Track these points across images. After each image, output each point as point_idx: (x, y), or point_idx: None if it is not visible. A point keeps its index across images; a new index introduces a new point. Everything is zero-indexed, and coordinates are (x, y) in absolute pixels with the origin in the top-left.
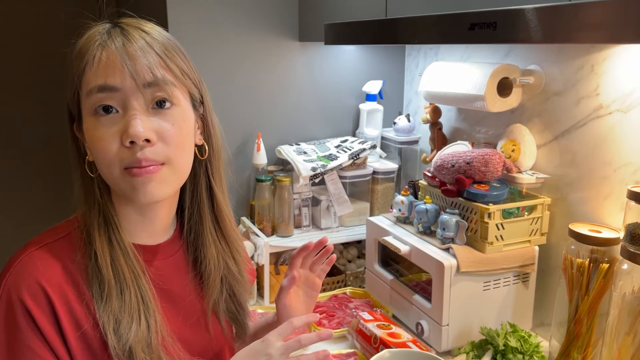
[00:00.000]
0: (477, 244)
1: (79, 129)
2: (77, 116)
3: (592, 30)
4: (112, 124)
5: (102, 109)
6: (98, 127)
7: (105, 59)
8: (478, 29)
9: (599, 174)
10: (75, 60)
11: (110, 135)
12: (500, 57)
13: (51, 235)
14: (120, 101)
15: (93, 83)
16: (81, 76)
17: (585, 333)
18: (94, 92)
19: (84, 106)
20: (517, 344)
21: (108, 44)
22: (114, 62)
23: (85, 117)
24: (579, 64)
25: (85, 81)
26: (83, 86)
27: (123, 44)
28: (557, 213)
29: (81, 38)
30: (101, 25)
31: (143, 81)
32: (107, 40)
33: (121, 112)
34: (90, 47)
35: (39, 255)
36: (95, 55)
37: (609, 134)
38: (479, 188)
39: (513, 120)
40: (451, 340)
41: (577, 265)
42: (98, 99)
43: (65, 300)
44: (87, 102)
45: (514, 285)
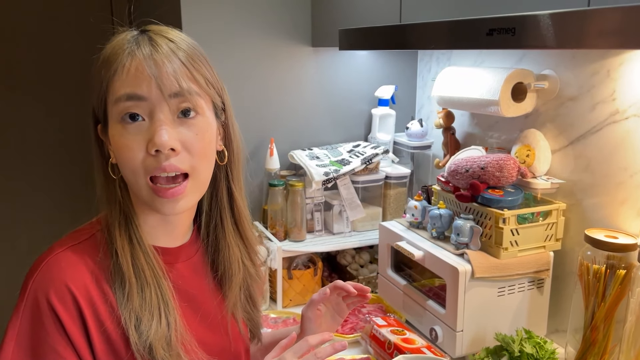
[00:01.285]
0: (491, 249)
1: (104, 132)
2: (102, 120)
3: (611, 35)
4: (138, 132)
5: (129, 117)
6: (124, 135)
7: (134, 69)
8: (496, 34)
9: (614, 180)
10: (104, 67)
11: (136, 143)
12: (514, 62)
13: (75, 238)
14: (147, 110)
15: (121, 91)
16: (109, 83)
17: (602, 340)
18: (122, 100)
19: (110, 112)
20: (533, 351)
21: (136, 54)
22: (142, 72)
23: (112, 123)
24: (594, 69)
25: (113, 88)
26: (110, 93)
27: (151, 54)
28: (572, 219)
29: (109, 44)
30: (129, 33)
31: (169, 91)
32: (136, 49)
33: (147, 120)
34: (119, 55)
35: (65, 257)
36: (124, 64)
37: (625, 140)
38: (493, 193)
39: (527, 125)
40: (465, 346)
41: (593, 272)
42: (125, 107)
43: (90, 301)
44: (114, 109)
45: (528, 291)
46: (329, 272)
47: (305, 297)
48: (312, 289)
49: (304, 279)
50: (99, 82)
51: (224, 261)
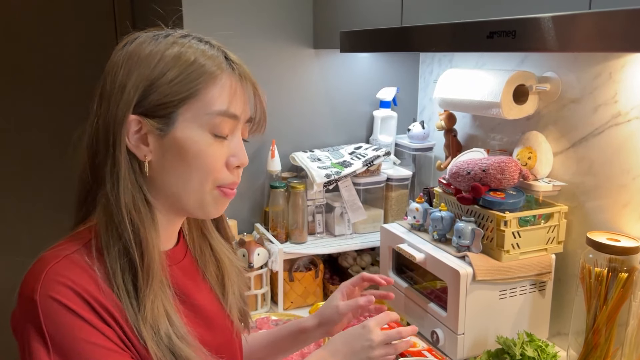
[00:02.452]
0: (493, 252)
1: (157, 131)
2: (161, 117)
3: (612, 38)
4: (222, 146)
5: (222, 132)
6: (211, 145)
7: (240, 89)
8: (497, 37)
9: (617, 182)
10: (195, 71)
11: (220, 156)
12: (515, 64)
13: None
14: (233, 128)
15: (220, 106)
16: (204, 90)
17: (604, 343)
18: (222, 115)
19: (197, 119)
20: (534, 354)
21: (240, 77)
22: (241, 94)
23: (194, 129)
24: (596, 71)
25: (212, 99)
26: (202, 100)
27: (247, 82)
28: (574, 221)
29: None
30: (202, 44)
31: (249, 117)
32: (235, 69)
33: (229, 137)
34: (218, 67)
35: (63, 266)
36: (230, 80)
37: (628, 142)
38: (495, 196)
39: (529, 127)
40: (467, 349)
41: (595, 275)
42: (220, 122)
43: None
44: (210, 119)
45: (530, 294)
46: (330, 274)
47: (306, 300)
48: (313, 291)
49: (305, 281)
50: (177, 81)
51: (219, 260)
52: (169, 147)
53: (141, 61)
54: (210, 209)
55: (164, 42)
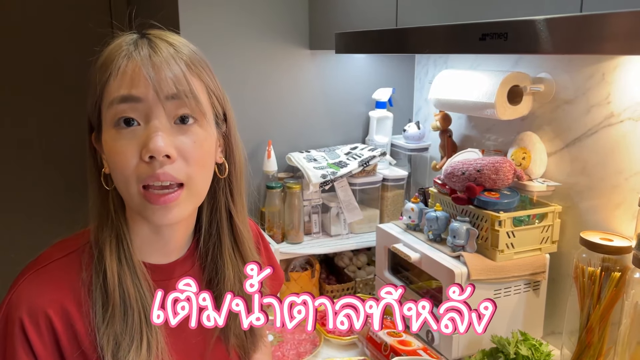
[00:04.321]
0: (487, 251)
1: (98, 140)
2: (96, 127)
3: (603, 41)
4: (133, 137)
5: (123, 121)
6: (118, 140)
7: (130, 70)
8: (489, 39)
9: (610, 183)
10: (99, 70)
11: (130, 149)
12: (510, 65)
13: (60, 250)
14: (143, 114)
15: (115, 93)
16: (104, 86)
17: (597, 342)
18: (116, 102)
19: (104, 117)
20: (528, 353)
21: (134, 55)
22: (138, 73)
23: (106, 128)
24: (589, 72)
25: (108, 91)
26: (105, 96)
27: (149, 55)
28: (568, 221)
29: (107, 47)
30: (128, 36)
31: (166, 93)
32: (133, 51)
33: (143, 125)
34: (115, 58)
35: (44, 275)
36: (120, 66)
37: (621, 143)
38: (489, 196)
39: (523, 128)
40: (461, 348)
41: (588, 274)
42: (120, 110)
43: (67, 319)
44: (108, 113)
45: (524, 293)
46: (326, 274)
47: None
48: (309, 291)
49: (301, 281)
50: (93, 86)
51: (221, 279)
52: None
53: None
54: (147, 214)
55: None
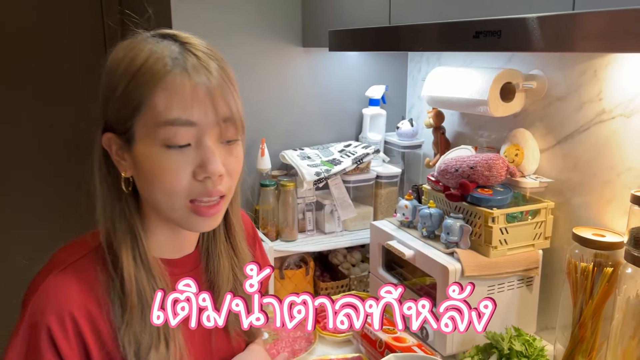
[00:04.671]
0: (481, 248)
1: (124, 146)
2: (123, 133)
3: (595, 39)
4: (184, 156)
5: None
6: (167, 158)
7: (189, 91)
8: (483, 37)
9: (602, 179)
10: (138, 77)
11: (182, 168)
12: (503, 62)
13: (73, 254)
14: (196, 135)
15: (169, 114)
16: (148, 98)
17: (590, 337)
18: (170, 124)
19: (148, 132)
20: (522, 348)
21: (191, 74)
22: (197, 96)
23: (148, 142)
24: (581, 69)
25: (157, 107)
26: (149, 110)
27: (208, 77)
28: (561, 217)
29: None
30: (162, 42)
31: (222, 117)
32: (188, 67)
33: (194, 145)
34: (162, 70)
35: (65, 278)
36: (176, 82)
37: (612, 139)
38: (482, 192)
39: (516, 124)
40: (456, 344)
41: (581, 269)
42: (174, 133)
43: (92, 321)
44: (158, 131)
45: (518, 289)
46: (320, 271)
47: None
48: (304, 289)
49: (295, 278)
50: (126, 93)
51: (213, 270)
52: (136, 162)
53: (106, 75)
54: (191, 224)
55: (125, 51)
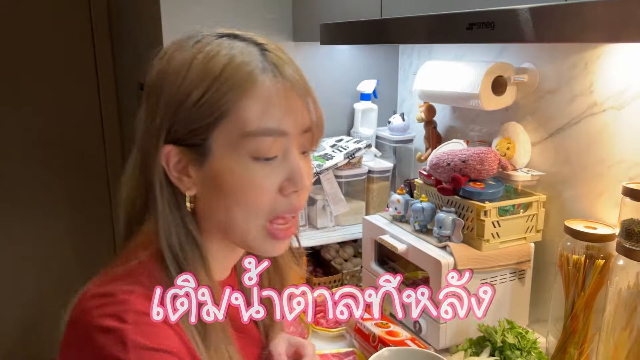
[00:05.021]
0: (473, 241)
1: (195, 161)
2: (193, 146)
3: (589, 29)
4: (271, 169)
5: (265, 155)
6: (253, 171)
7: (282, 98)
8: (476, 28)
9: (593, 171)
10: (224, 82)
11: (269, 182)
12: (494, 55)
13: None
14: (285, 146)
15: (264, 124)
16: (236, 104)
17: (582, 329)
18: (262, 134)
19: (233, 143)
20: (515, 341)
21: (283, 81)
22: (289, 104)
23: (232, 156)
24: (572, 62)
25: (248, 115)
26: (238, 118)
27: (296, 84)
28: (552, 210)
29: (211, 53)
30: (236, 43)
31: (307, 125)
32: (280, 74)
33: (281, 156)
34: (260, 76)
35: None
36: (269, 88)
37: (603, 132)
38: (474, 186)
39: (507, 118)
40: (449, 337)
41: (573, 262)
42: (265, 144)
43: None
44: (244, 141)
45: (510, 282)
46: (313, 266)
47: None
48: (296, 284)
49: None
50: (204, 99)
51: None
52: (209, 178)
53: (168, 80)
54: (265, 247)
55: (192, 52)
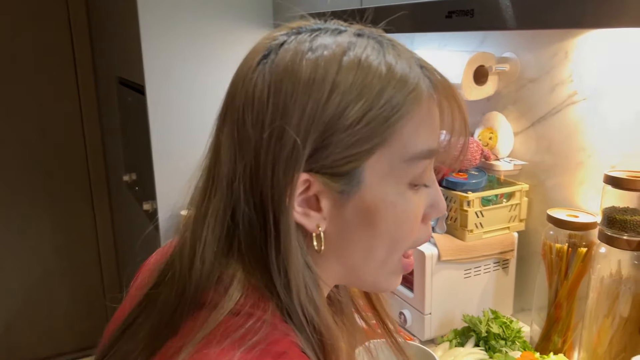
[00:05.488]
0: (457, 232)
1: (341, 193)
2: (341, 175)
3: (568, 14)
4: (420, 197)
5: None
6: (411, 202)
7: (435, 113)
8: (455, 16)
9: (574, 160)
10: (384, 103)
11: (420, 212)
12: (475, 45)
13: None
14: (430, 167)
15: (423, 145)
16: (402, 123)
17: (565, 317)
18: (423, 156)
19: (393, 169)
20: (499, 330)
21: (445, 94)
22: (438, 119)
23: (390, 184)
24: (553, 51)
25: (406, 138)
26: (402, 140)
27: (458, 100)
28: (535, 199)
29: (366, 59)
30: (389, 54)
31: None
32: (441, 87)
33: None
34: (422, 88)
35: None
36: (430, 106)
37: (584, 120)
38: (457, 176)
39: (489, 108)
40: (434, 328)
41: (556, 250)
42: (425, 168)
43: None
44: (406, 166)
45: (494, 272)
46: None
47: None
48: None
49: None
50: (366, 119)
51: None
52: (354, 213)
53: (302, 89)
54: (386, 285)
55: (329, 53)
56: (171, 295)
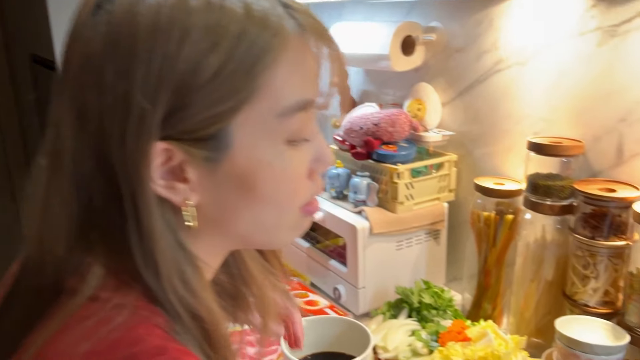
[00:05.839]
0: (388, 204)
1: (208, 159)
2: (206, 140)
3: None
4: (302, 153)
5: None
6: (291, 160)
7: (310, 59)
8: None
9: (501, 128)
10: (249, 47)
11: (303, 169)
12: (402, 15)
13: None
14: (312, 119)
15: (298, 95)
16: (267, 74)
17: (495, 284)
18: (299, 108)
19: (265, 126)
20: (431, 300)
21: (315, 39)
22: (315, 66)
23: (264, 144)
24: (478, 19)
25: (277, 88)
26: (272, 93)
27: (330, 41)
28: (464, 169)
29: (216, 4)
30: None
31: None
32: (310, 31)
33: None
34: (285, 37)
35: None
36: (300, 50)
37: (509, 88)
38: (387, 149)
39: (418, 79)
40: (368, 302)
41: (483, 219)
42: (303, 122)
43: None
44: (280, 122)
45: (425, 243)
46: None
47: None
48: None
49: None
50: (224, 73)
51: None
52: (227, 180)
53: (144, 41)
54: (288, 240)
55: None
56: (30, 290)
